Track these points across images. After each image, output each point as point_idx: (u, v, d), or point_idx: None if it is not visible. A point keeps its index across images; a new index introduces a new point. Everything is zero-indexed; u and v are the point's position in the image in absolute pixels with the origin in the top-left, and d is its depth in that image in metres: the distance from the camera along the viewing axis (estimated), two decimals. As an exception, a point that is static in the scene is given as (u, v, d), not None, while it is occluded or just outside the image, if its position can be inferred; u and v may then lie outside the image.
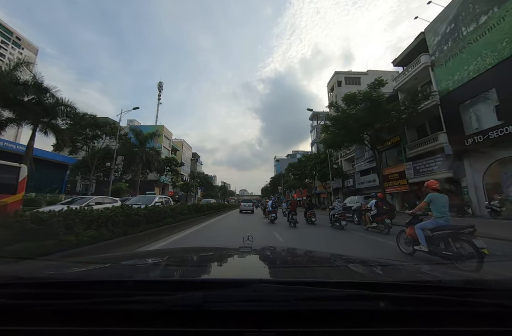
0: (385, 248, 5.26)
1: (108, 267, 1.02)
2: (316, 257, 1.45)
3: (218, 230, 8.64)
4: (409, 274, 1.00)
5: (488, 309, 0.58)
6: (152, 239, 5.44)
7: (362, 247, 5.55)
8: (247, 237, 1.77)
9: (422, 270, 1.12)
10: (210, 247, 1.90)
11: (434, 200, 3.95)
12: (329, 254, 1.55)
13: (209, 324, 0.54)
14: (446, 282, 0.78)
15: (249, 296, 0.59)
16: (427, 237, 3.88)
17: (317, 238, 7.23)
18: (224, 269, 1.09)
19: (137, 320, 0.54)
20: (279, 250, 1.66)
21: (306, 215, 11.34)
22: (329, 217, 9.87)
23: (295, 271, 1.05)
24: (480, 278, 0.85)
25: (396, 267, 1.15)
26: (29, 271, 0.87)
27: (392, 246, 5.09)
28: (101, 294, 0.59)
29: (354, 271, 1.09)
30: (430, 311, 0.57)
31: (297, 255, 1.47)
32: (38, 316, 0.54)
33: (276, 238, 6.85)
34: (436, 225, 3.87)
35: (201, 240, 6.09)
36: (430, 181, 4.30)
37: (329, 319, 0.55)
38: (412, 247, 4.21)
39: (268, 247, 1.61)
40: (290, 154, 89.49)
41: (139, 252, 2.89)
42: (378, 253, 4.79)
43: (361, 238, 6.94)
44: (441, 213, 3.87)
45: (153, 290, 0.62)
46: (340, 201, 10.11)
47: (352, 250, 5.16)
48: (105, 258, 1.34)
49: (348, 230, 8.64)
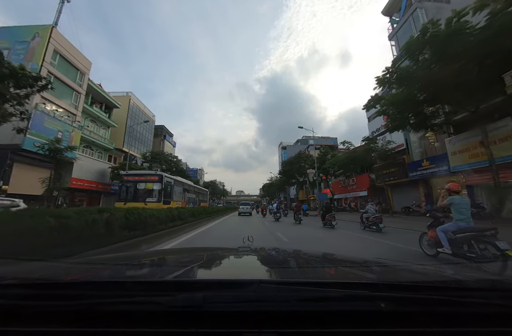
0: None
1: (108, 268, 1.02)
2: (316, 257, 1.45)
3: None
4: (409, 275, 1.00)
5: (488, 309, 0.58)
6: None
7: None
8: (247, 237, 1.74)
9: (422, 270, 1.11)
10: (210, 248, 1.89)
11: (456, 203, 3.97)
12: (329, 255, 1.55)
13: (209, 324, 0.54)
14: (446, 283, 0.79)
15: (249, 297, 0.59)
16: (450, 239, 3.92)
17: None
18: (224, 270, 1.10)
19: (137, 321, 0.54)
20: (279, 251, 1.65)
21: (324, 218, 10.80)
22: (362, 220, 9.53)
23: (295, 272, 1.05)
24: (480, 278, 0.86)
25: (396, 267, 1.15)
26: (28, 272, 0.87)
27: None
28: (100, 295, 0.59)
29: (354, 272, 1.08)
30: (430, 312, 0.57)
31: (297, 256, 1.46)
32: (38, 316, 0.54)
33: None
34: (457, 227, 3.91)
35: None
36: (451, 183, 4.26)
37: (329, 319, 0.56)
38: (435, 249, 4.25)
39: (268, 248, 1.62)
40: (300, 140, 77.68)
41: (139, 253, 2.85)
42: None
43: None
44: (462, 215, 3.89)
45: (153, 291, 0.62)
46: (372, 204, 9.90)
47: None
48: (105, 259, 1.33)
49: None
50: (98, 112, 26.59)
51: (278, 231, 9.12)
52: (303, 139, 77.09)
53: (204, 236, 7.61)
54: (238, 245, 1.58)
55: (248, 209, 22.72)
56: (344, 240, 7.21)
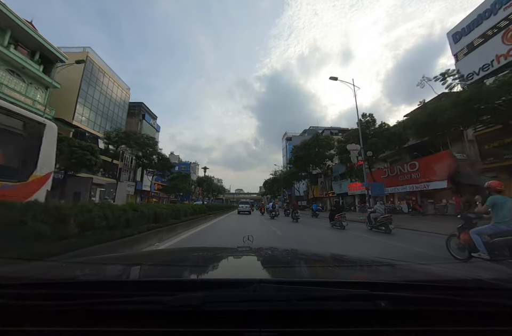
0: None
1: (107, 268, 1.01)
2: (316, 257, 1.44)
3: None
4: (410, 274, 1.00)
5: (488, 309, 0.57)
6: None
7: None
8: (247, 236, 1.76)
9: (422, 269, 1.07)
10: (210, 247, 1.94)
11: (497, 204, 3.61)
12: (330, 254, 1.59)
13: (209, 324, 0.53)
14: (446, 282, 0.77)
15: (249, 296, 0.58)
16: (486, 243, 3.56)
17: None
18: (224, 269, 1.09)
19: (137, 321, 0.53)
20: (279, 250, 1.63)
21: (333, 218, 10.18)
22: (370, 220, 9.11)
23: (295, 271, 1.05)
24: (480, 278, 0.85)
25: (397, 266, 1.13)
26: (28, 272, 0.85)
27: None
28: (100, 295, 0.58)
29: (355, 271, 1.08)
30: (430, 311, 0.56)
31: (297, 255, 1.45)
32: (37, 316, 0.53)
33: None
34: (496, 230, 3.56)
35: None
36: (493, 181, 3.97)
37: (329, 319, 0.55)
38: (468, 253, 3.90)
39: (268, 247, 1.62)
40: (307, 129, 68.63)
41: (139, 252, 2.88)
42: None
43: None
44: (504, 217, 3.53)
45: (153, 291, 0.61)
46: (381, 204, 9.62)
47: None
48: (105, 258, 1.30)
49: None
50: (22, 60, 17.06)
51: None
52: (310, 129, 67.20)
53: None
54: (238, 245, 1.59)
55: (247, 208, 23.35)
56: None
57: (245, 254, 1.42)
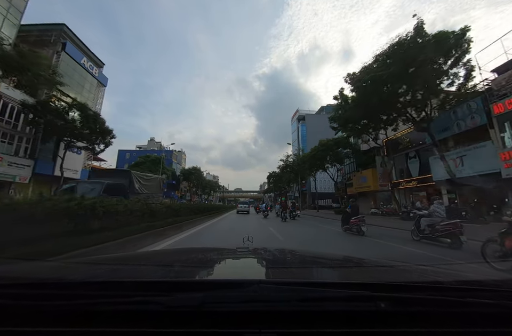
0: None
1: (107, 268, 1.00)
2: (316, 258, 1.43)
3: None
4: (410, 275, 0.99)
5: (488, 309, 0.57)
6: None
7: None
8: (247, 237, 1.76)
9: (422, 270, 1.09)
10: (210, 248, 1.89)
11: None
12: (330, 255, 1.61)
13: (209, 324, 0.53)
14: (446, 283, 0.77)
15: (249, 297, 0.58)
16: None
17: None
18: (224, 270, 1.09)
19: (137, 321, 0.53)
20: (279, 251, 1.64)
21: (347, 222, 8.60)
22: (420, 227, 6.55)
23: (295, 272, 1.04)
24: (480, 278, 0.85)
25: (397, 268, 1.14)
26: (28, 272, 0.86)
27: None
28: (100, 295, 0.58)
29: (355, 272, 1.08)
30: (430, 312, 0.56)
31: (297, 256, 1.45)
32: (37, 316, 0.54)
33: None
34: None
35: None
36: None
37: (329, 320, 0.55)
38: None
39: (268, 248, 1.62)
40: (325, 107, 62.52)
41: (138, 253, 2.83)
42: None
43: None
44: None
45: (153, 291, 0.60)
46: (440, 204, 6.64)
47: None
48: (104, 259, 1.30)
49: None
50: None
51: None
52: (328, 106, 60.54)
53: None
54: (238, 246, 1.59)
55: (246, 208, 24.16)
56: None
57: (244, 254, 1.41)
